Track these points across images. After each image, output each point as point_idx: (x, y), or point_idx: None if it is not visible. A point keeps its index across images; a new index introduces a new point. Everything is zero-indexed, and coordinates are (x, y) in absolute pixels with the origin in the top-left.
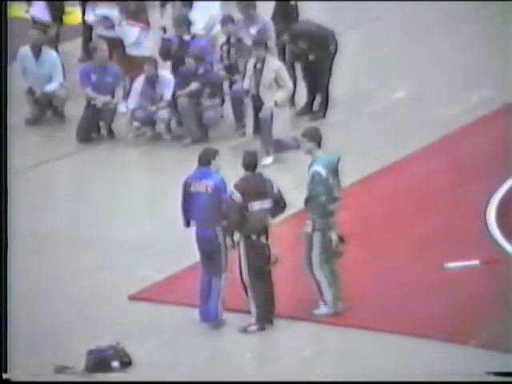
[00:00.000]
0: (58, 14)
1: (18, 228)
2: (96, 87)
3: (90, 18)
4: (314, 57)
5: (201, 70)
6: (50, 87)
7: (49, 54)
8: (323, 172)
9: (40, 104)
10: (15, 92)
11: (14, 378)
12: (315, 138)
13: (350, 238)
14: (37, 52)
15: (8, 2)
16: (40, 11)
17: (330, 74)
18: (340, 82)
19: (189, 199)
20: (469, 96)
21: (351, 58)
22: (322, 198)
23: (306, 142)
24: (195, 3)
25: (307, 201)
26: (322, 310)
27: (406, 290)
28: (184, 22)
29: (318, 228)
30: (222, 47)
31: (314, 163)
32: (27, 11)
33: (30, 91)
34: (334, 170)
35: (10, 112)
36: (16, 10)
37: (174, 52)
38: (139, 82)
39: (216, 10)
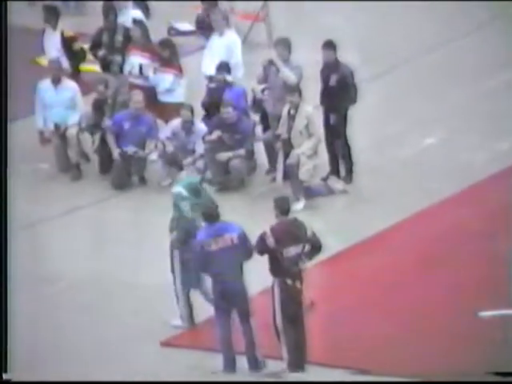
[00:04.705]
0: (77, 61)
1: (47, 273)
2: (128, 136)
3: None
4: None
5: (232, 119)
6: (73, 119)
7: (69, 83)
8: (184, 192)
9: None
10: None
11: (14, 378)
12: (175, 163)
13: (379, 286)
14: (56, 81)
15: (8, 2)
16: (57, 54)
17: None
18: (369, 128)
19: (208, 259)
20: (499, 143)
21: (379, 105)
22: (188, 214)
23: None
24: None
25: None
26: None
27: (437, 338)
28: (224, 69)
29: None
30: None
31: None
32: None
33: (56, 127)
34: (196, 191)
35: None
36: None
37: (214, 99)
38: (175, 124)
39: (239, 55)
